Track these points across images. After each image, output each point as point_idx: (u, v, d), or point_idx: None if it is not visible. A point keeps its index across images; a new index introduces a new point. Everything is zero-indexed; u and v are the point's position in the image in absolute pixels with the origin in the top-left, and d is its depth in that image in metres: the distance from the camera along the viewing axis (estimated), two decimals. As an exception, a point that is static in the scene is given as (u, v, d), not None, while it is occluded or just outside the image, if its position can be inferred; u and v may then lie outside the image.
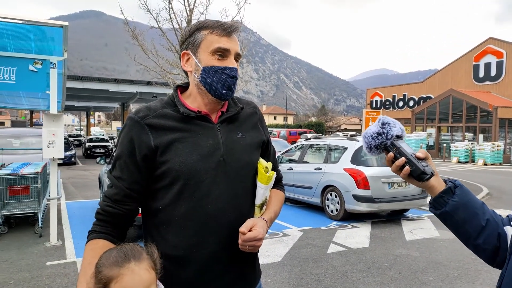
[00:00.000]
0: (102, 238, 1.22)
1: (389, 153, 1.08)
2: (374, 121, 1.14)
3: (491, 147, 20.59)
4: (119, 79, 25.18)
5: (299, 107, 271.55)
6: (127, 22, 11.27)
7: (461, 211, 1.05)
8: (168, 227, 1.26)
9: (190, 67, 1.32)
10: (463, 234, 1.07)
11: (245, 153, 1.34)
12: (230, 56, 1.29)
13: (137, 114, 1.27)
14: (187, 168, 1.23)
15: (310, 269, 4.59)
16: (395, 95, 34.34)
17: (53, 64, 5.44)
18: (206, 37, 1.28)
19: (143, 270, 0.98)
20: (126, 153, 1.25)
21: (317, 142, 8.95)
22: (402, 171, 1.07)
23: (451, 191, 1.06)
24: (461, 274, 4.50)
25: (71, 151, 18.56)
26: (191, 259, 1.25)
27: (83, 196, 9.71)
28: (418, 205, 7.60)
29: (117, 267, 0.96)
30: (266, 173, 1.36)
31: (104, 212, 1.25)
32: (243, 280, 1.36)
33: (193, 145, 1.26)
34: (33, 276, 4.29)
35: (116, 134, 54.83)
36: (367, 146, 1.11)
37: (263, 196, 1.37)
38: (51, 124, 5.43)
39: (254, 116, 1.46)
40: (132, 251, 1.00)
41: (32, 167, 6.42)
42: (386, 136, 1.07)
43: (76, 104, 36.09)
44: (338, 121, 71.14)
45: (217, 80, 1.27)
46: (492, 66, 26.92)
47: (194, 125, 1.29)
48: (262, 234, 1.25)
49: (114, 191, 1.25)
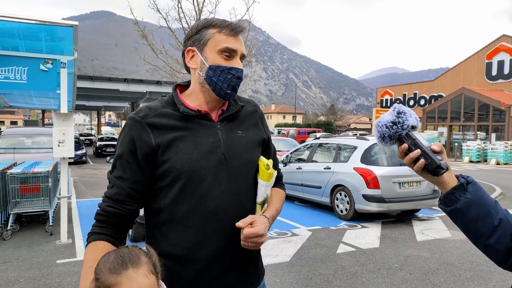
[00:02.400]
0: (103, 239, 1.20)
1: (403, 144, 1.03)
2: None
3: (504, 146, 20.23)
4: (129, 79, 25.33)
5: (308, 106, 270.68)
6: (136, 21, 11.35)
7: (473, 208, 1.00)
8: (170, 226, 1.25)
9: (194, 64, 1.31)
10: (474, 233, 1.03)
11: (246, 151, 1.34)
12: (237, 56, 1.29)
13: (138, 114, 1.27)
14: (188, 166, 1.22)
15: (319, 270, 4.55)
16: (405, 93, 33.97)
17: (63, 64, 5.48)
18: (214, 36, 1.27)
19: (142, 276, 0.94)
20: (128, 153, 1.24)
21: (326, 141, 8.88)
22: (416, 164, 1.02)
23: (464, 187, 1.01)
24: (473, 275, 4.41)
25: (82, 150, 18.76)
26: (194, 257, 1.24)
27: (93, 195, 9.79)
28: (429, 205, 7.49)
29: (114, 274, 0.93)
30: (267, 170, 1.36)
31: (105, 213, 1.23)
32: (246, 278, 1.35)
33: (194, 144, 1.25)
34: (43, 274, 4.33)
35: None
36: (380, 136, 1.04)
37: (265, 193, 1.37)
38: (61, 123, 5.48)
39: (255, 114, 1.45)
40: (129, 255, 0.96)
41: (43, 166, 6.49)
42: (401, 126, 1.01)
43: (87, 104, 36.42)
44: (348, 120, 70.70)
45: (223, 80, 1.27)
46: (506, 64, 26.44)
47: (195, 123, 1.29)
48: (264, 231, 1.24)
49: (115, 191, 1.24)
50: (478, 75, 28.19)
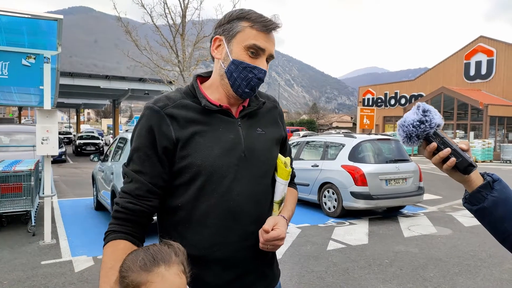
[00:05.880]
0: (122, 238, 1.13)
1: (431, 144, 0.99)
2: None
3: (482, 144, 20.83)
4: (110, 76, 24.84)
5: (290, 105, 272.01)
6: (120, 17, 11.10)
7: (500, 207, 0.98)
8: (187, 225, 1.19)
9: (219, 55, 1.25)
10: (501, 232, 1.00)
11: (265, 149, 1.29)
12: (263, 56, 1.22)
13: (156, 104, 1.19)
14: (209, 163, 1.16)
15: (311, 267, 4.55)
16: (387, 93, 34.52)
17: (46, 59, 5.30)
18: (245, 30, 1.20)
19: (174, 275, 0.88)
20: (147, 144, 1.17)
21: (313, 139, 8.92)
22: (446, 163, 0.99)
23: (490, 185, 0.99)
24: (461, 270, 4.50)
25: (61, 148, 18.28)
26: (211, 259, 1.19)
27: (75, 194, 9.55)
28: (415, 201, 7.63)
29: (145, 272, 0.86)
30: (286, 168, 1.32)
31: (125, 210, 1.15)
32: (263, 279, 1.30)
33: (214, 139, 1.19)
34: (28, 276, 4.17)
35: (107, 131, 54.18)
36: (406, 136, 1.01)
37: (283, 192, 1.33)
38: (44, 120, 5.29)
39: (274, 111, 1.40)
40: (160, 253, 0.90)
41: (25, 164, 6.26)
42: (429, 124, 0.98)
43: (66, 101, 35.54)
44: (330, 119, 71.30)
45: (243, 77, 1.20)
46: (483, 64, 27.19)
47: (215, 118, 1.22)
48: (285, 233, 1.21)
49: (135, 186, 1.16)
50: (457, 75, 28.90)
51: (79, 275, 4.24)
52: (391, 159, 7.41)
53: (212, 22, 12.33)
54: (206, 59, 13.08)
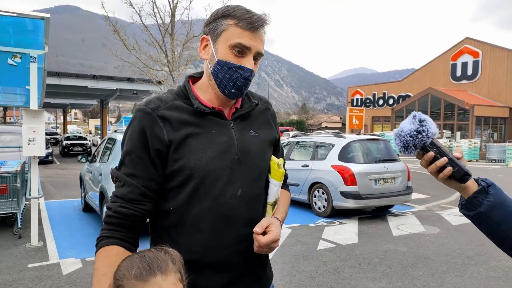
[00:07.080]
0: (115, 244, 1.09)
1: (428, 153, 1.00)
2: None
3: (468, 144, 21.19)
4: (98, 76, 24.54)
5: (280, 105, 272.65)
6: (108, 17, 10.99)
7: (496, 211, 0.99)
8: (180, 229, 1.17)
9: (206, 55, 1.23)
10: (499, 236, 1.02)
11: (259, 151, 1.28)
12: (250, 54, 1.18)
13: (148, 106, 1.17)
14: (202, 166, 1.14)
15: (302, 266, 4.56)
16: (375, 93, 34.88)
17: (33, 58, 5.21)
18: (229, 28, 1.16)
19: (170, 284, 0.85)
20: (139, 147, 1.14)
21: (303, 139, 8.95)
22: (442, 172, 1.00)
23: (485, 190, 1.01)
24: (449, 268, 4.57)
25: (48, 149, 17.98)
26: (205, 263, 1.17)
27: (62, 196, 9.40)
28: (403, 201, 7.71)
29: (140, 281, 0.83)
30: (279, 169, 1.31)
31: (118, 214, 1.12)
32: (257, 282, 1.30)
33: (207, 142, 1.17)
34: (14, 279, 4.09)
35: (94, 132, 53.49)
36: (404, 145, 1.01)
37: (276, 193, 1.32)
38: (31, 121, 5.20)
39: (267, 112, 1.39)
40: (157, 261, 0.86)
41: (10, 165, 6.15)
42: (427, 134, 0.99)
43: (52, 101, 34.98)
44: (319, 119, 71.71)
45: (229, 78, 1.17)
46: (469, 65, 27.68)
47: (208, 120, 1.20)
48: (279, 235, 1.19)
49: (128, 190, 1.13)
50: (444, 76, 29.35)
51: (67, 277, 4.18)
52: (380, 159, 7.48)
53: (201, 22, 12.29)
54: (195, 59, 13.05)
